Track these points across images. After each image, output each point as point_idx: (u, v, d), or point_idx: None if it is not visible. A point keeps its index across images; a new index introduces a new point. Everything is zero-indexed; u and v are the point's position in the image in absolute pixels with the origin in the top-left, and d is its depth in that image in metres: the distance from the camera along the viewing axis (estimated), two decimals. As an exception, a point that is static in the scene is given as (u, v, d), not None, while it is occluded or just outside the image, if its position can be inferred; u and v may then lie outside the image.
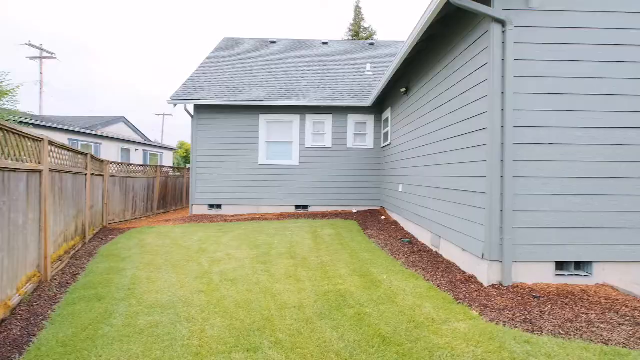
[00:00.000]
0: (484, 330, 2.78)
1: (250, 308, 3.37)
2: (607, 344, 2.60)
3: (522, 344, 2.55)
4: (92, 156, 7.15)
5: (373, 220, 8.75)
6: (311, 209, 10.65)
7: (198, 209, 10.77)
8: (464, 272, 4.41)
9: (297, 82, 11.49)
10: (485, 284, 3.91)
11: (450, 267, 4.65)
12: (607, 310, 3.24)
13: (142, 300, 3.62)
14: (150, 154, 24.74)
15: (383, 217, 9.13)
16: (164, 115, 36.06)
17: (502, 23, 3.87)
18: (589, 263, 4.00)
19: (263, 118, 10.64)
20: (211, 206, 10.77)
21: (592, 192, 3.95)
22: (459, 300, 3.47)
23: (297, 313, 3.23)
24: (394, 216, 8.76)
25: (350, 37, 36.52)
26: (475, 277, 4.15)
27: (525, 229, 3.92)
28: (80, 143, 17.66)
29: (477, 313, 3.16)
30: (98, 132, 19.11)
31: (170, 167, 14.43)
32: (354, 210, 10.41)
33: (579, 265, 4.07)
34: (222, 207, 10.72)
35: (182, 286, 4.06)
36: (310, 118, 10.64)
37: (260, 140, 10.66)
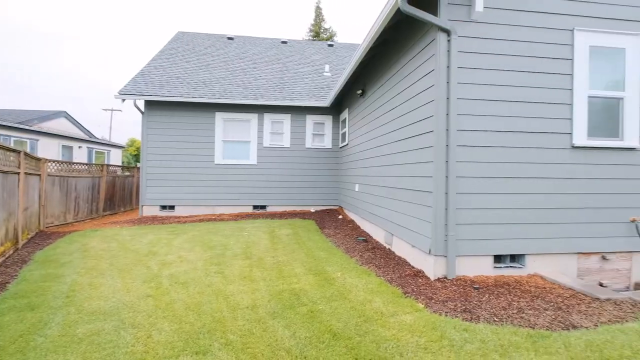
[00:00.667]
0: (427, 321, 2.95)
1: (201, 311, 3.29)
2: (534, 328, 2.88)
3: (460, 332, 2.74)
4: (25, 153, 6.55)
5: (331, 220, 8.89)
6: (269, 209, 10.58)
7: (149, 210, 10.25)
8: (413, 267, 4.64)
9: (255, 80, 11.35)
10: (432, 278, 4.14)
11: (401, 263, 4.86)
12: (535, 298, 3.58)
13: (82, 308, 3.39)
14: (96, 152, 23.09)
15: (340, 216, 9.30)
16: (112, 110, 33.79)
17: (447, 32, 4.12)
18: (522, 255, 4.39)
19: (219, 116, 10.37)
20: (163, 207, 10.30)
21: (523, 190, 4.33)
22: (407, 294, 3.65)
23: (249, 313, 3.21)
24: (351, 215, 8.96)
25: (311, 37, 36.73)
26: (423, 272, 4.38)
27: (467, 226, 4.20)
28: (12, 139, 16.06)
29: (423, 305, 3.34)
30: (34, 128, 17.49)
31: (118, 165, 13.60)
32: (313, 210, 10.50)
33: (514, 257, 4.45)
34: (175, 208, 10.30)
35: (129, 291, 3.86)
36: (268, 117, 10.55)
37: (216, 138, 10.38)
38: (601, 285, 4.60)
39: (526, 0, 4.34)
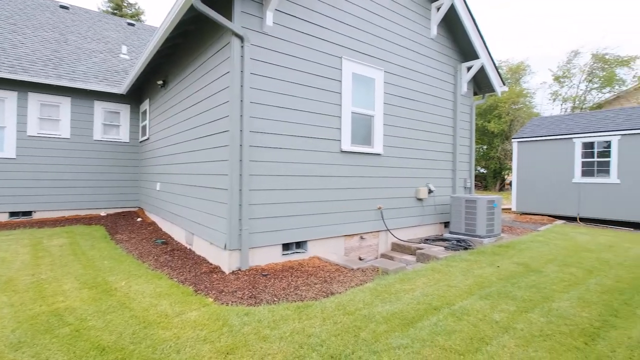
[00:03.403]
0: (213, 314, 3.05)
1: None
2: (303, 300, 3.45)
3: (241, 317, 2.98)
4: None
5: (126, 224, 7.83)
6: (38, 216, 8.30)
7: None
8: (211, 264, 4.68)
9: (14, 48, 8.64)
10: (227, 272, 4.30)
11: (200, 261, 4.82)
12: (310, 276, 4.29)
13: None
14: None
15: (140, 219, 8.33)
16: None
17: (241, 38, 4.36)
18: (304, 242, 5.15)
19: (-53, 88, 7.33)
20: None
21: (305, 186, 5.10)
22: (198, 292, 3.65)
23: (-24, 352, 2.44)
24: (153, 217, 8.17)
25: (110, 9, 31.20)
26: (220, 267, 4.49)
27: (259, 220, 4.59)
28: None
29: (212, 299, 3.43)
30: None
31: None
32: (103, 214, 8.94)
33: (299, 244, 5.17)
34: None
35: None
36: (36, 98, 8.24)
37: (-60, 119, 7.29)
38: (360, 259, 5.97)
39: (308, 25, 5.11)
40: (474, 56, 7.62)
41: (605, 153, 9.39)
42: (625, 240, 6.86)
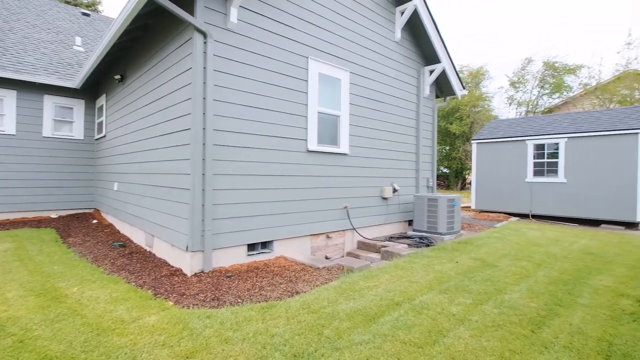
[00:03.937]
0: (172, 318, 2.95)
1: None
2: (267, 301, 3.42)
3: (203, 320, 2.91)
4: None
5: (80, 226, 7.37)
6: (-22, 218, 7.61)
7: None
8: (172, 267, 4.52)
9: (-51, 34, 7.86)
10: (189, 274, 4.17)
11: (160, 264, 4.64)
12: (276, 276, 4.26)
13: None
14: None
15: (95, 221, 7.88)
16: None
17: (203, 34, 4.24)
18: (270, 242, 5.11)
19: None
20: None
21: (271, 186, 5.05)
22: (158, 295, 3.52)
23: None
24: (110, 218, 7.76)
25: (62, -2, 29.15)
26: (182, 270, 4.35)
27: (223, 220, 4.49)
28: None
29: (172, 303, 3.32)
30: None
31: None
32: (54, 216, 8.36)
33: (265, 244, 5.11)
34: None
35: None
36: (-25, 90, 7.55)
37: None
38: (326, 257, 6.01)
39: (274, 24, 5.06)
40: (436, 60, 7.92)
41: (555, 154, 10.11)
42: (570, 235, 7.43)
